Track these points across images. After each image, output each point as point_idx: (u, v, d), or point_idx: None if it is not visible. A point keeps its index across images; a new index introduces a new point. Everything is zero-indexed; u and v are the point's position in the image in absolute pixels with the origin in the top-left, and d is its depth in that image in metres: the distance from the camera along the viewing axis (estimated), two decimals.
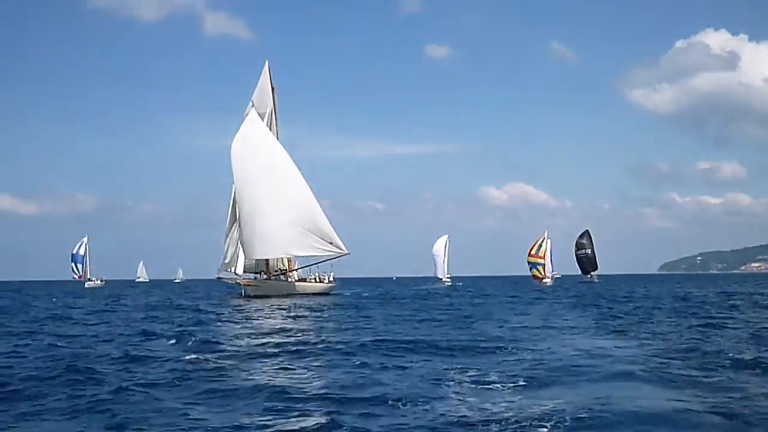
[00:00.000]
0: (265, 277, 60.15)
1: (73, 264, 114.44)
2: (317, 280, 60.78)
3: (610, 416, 9.86)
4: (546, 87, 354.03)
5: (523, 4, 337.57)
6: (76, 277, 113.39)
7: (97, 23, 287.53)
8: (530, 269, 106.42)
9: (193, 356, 16.56)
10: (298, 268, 61.50)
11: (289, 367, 15.33)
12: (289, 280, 60.04)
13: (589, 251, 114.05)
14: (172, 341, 20.22)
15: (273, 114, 61.94)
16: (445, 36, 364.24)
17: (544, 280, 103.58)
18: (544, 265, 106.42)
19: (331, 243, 56.47)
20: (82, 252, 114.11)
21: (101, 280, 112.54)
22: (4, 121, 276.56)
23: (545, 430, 9.35)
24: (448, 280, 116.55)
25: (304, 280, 60.55)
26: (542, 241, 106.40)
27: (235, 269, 61.05)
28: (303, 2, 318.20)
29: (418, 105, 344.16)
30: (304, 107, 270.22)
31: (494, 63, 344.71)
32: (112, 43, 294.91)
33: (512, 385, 12.57)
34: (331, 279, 61.79)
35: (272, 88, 62.15)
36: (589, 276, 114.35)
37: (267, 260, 59.82)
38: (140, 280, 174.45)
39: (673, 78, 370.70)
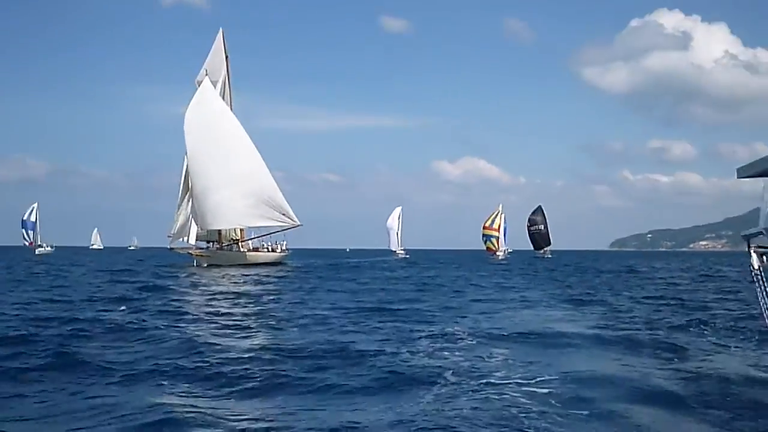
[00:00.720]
0: (217, 247, 60.04)
1: (23, 230, 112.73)
2: (270, 249, 60.93)
3: (557, 367, 10.62)
4: (501, 63, 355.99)
5: None
6: (27, 243, 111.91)
7: None
8: (484, 242, 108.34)
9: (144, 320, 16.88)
10: (251, 239, 61.31)
11: (254, 330, 15.77)
12: (241, 249, 60.07)
13: (542, 227, 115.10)
14: (122, 307, 20.19)
15: (227, 83, 61.40)
16: (401, 8, 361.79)
17: (497, 253, 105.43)
18: (498, 238, 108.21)
19: (283, 214, 56.49)
20: (33, 218, 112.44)
21: (51, 247, 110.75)
22: None
23: (499, 374, 10.10)
24: (402, 252, 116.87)
25: (257, 249, 60.60)
26: (497, 215, 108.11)
27: (187, 239, 60.62)
28: None
29: (372, 77, 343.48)
30: (258, 77, 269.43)
31: (450, 37, 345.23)
32: (66, 7, 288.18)
33: (471, 342, 13.31)
34: (284, 248, 61.96)
35: (226, 57, 61.38)
36: (542, 251, 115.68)
37: (219, 230, 59.58)
38: (94, 247, 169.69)
39: (626, 56, 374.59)
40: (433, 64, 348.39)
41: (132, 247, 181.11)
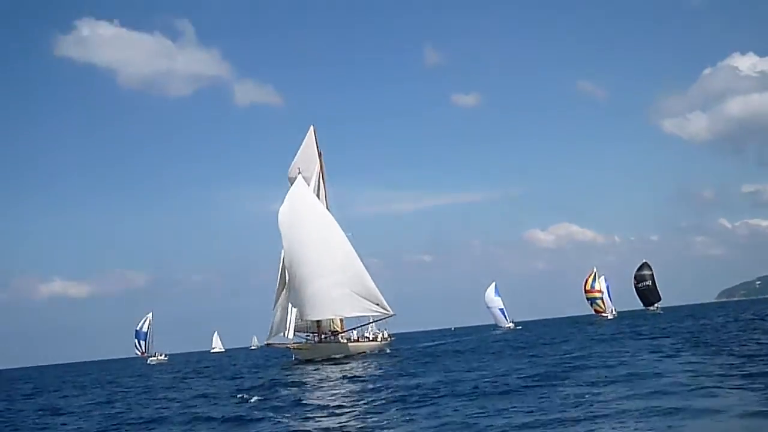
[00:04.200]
0: (316, 339, 59.88)
1: (136, 341, 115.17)
2: (371, 339, 60.73)
3: None
4: (579, 125, 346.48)
5: (543, 48, 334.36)
6: (139, 353, 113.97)
7: (132, 102, 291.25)
8: (591, 305, 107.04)
9: None
10: (352, 329, 61.43)
11: None
12: (341, 340, 59.90)
13: (650, 283, 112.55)
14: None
15: (320, 178, 62.69)
16: (470, 84, 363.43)
17: (604, 314, 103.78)
18: (602, 298, 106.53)
19: (377, 304, 56.69)
20: (145, 329, 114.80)
21: (164, 355, 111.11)
22: (50, 207, 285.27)
23: None
24: (512, 324, 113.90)
25: (358, 340, 60.31)
26: (593, 276, 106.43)
27: (285, 333, 60.88)
28: (326, 62, 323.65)
29: (454, 154, 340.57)
30: (343, 166, 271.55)
31: (523, 107, 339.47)
32: (144, 120, 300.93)
33: None
34: (386, 336, 61.63)
35: (319, 153, 62.73)
36: (652, 308, 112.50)
37: (318, 322, 59.53)
38: (215, 350, 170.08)
39: (705, 105, 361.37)
40: (510, 135, 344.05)
41: (253, 347, 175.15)
